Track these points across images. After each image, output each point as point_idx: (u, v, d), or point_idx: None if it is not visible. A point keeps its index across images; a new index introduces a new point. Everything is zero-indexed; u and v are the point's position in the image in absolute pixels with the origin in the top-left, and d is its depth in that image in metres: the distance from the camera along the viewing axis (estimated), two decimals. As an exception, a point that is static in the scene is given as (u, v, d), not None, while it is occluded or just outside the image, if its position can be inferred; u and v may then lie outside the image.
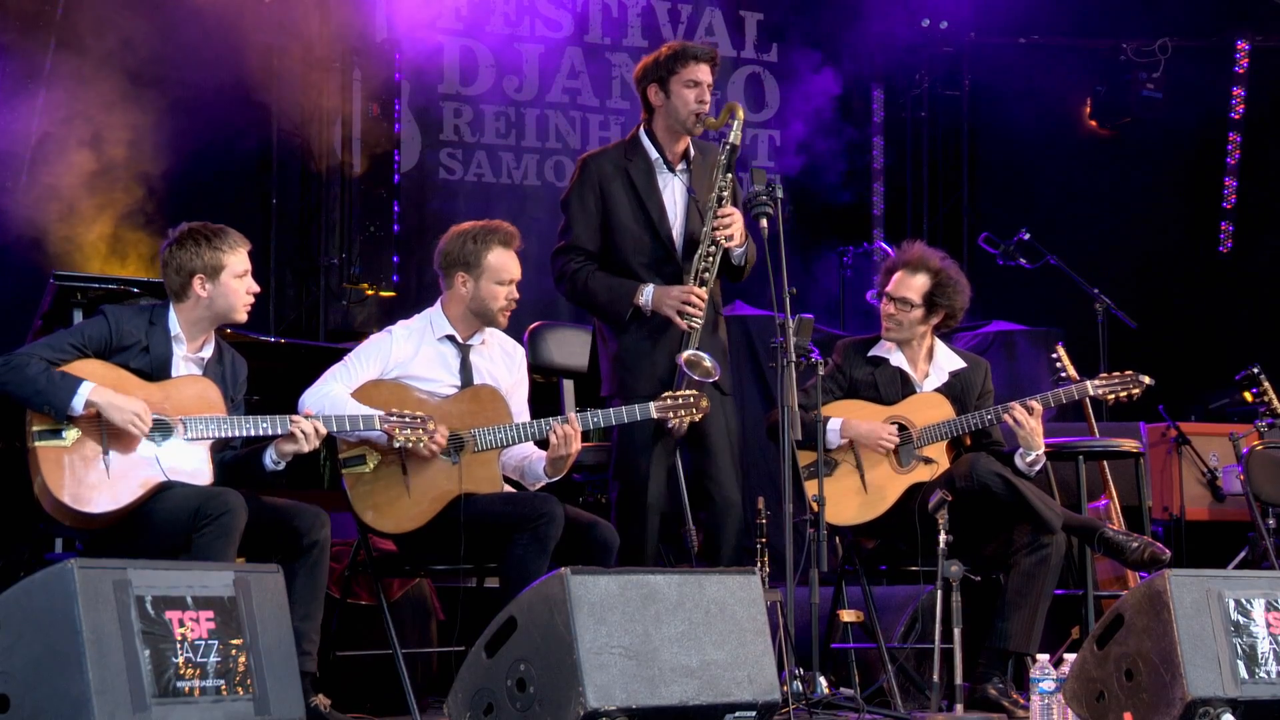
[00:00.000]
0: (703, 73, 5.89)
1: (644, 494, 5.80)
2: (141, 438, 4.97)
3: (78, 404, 4.91)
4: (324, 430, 5.14)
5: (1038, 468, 6.00)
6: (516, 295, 5.58)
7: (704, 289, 5.79)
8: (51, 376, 4.92)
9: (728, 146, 5.85)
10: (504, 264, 5.54)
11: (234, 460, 5.23)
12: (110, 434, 4.96)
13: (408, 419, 5.23)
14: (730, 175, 5.84)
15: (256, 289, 5.25)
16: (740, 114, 5.88)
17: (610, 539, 5.38)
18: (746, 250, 5.93)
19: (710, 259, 5.82)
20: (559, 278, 5.95)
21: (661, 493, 5.85)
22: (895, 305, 6.07)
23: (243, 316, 5.25)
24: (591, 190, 5.92)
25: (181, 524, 4.89)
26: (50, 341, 5.07)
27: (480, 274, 5.53)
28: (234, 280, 5.17)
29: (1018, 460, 5.96)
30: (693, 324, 5.75)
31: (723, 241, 5.81)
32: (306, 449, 5.13)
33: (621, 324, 5.85)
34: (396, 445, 5.24)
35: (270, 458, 5.16)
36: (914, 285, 6.05)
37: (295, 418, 5.11)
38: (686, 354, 5.68)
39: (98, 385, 4.94)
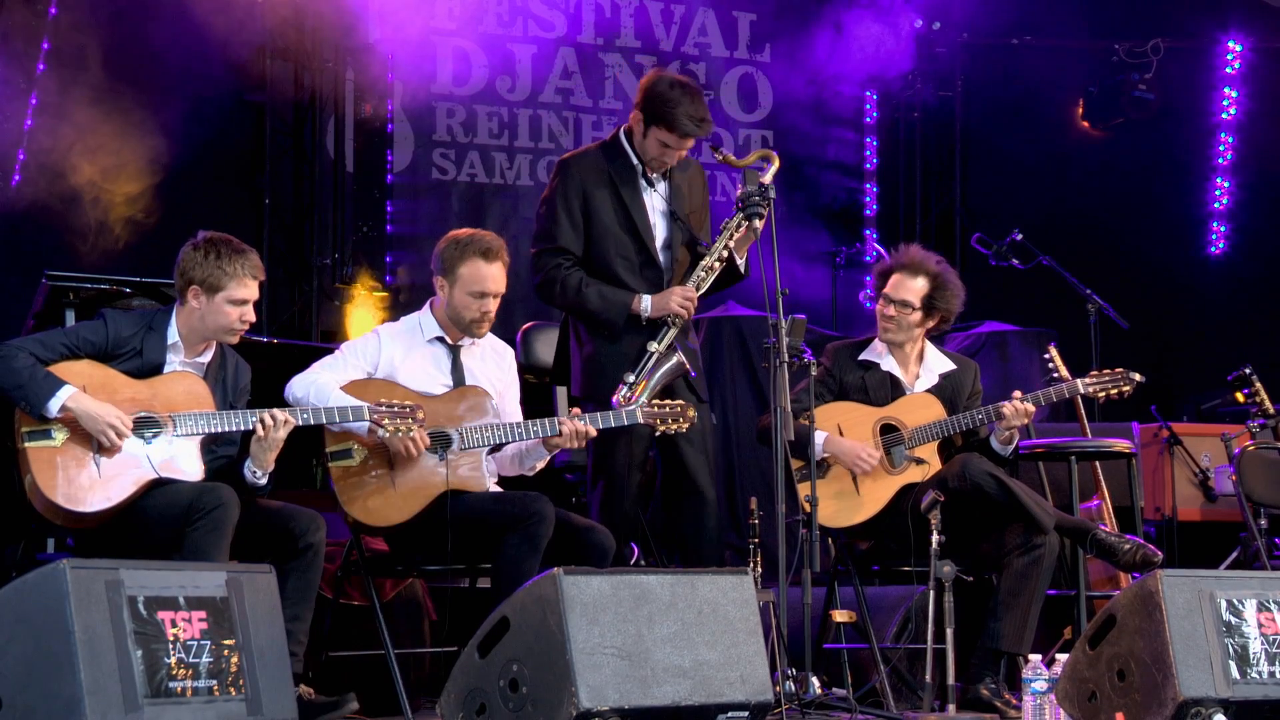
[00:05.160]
0: (684, 144, 5.87)
1: (624, 492, 5.83)
2: (119, 444, 4.93)
3: (53, 406, 4.88)
4: (293, 421, 5.09)
5: (1011, 446, 6.03)
6: (489, 309, 5.53)
7: (697, 294, 5.86)
8: (35, 374, 4.90)
9: (760, 192, 5.68)
10: (476, 275, 5.50)
11: (222, 469, 5.19)
12: (99, 433, 4.96)
13: (396, 408, 5.22)
14: (751, 222, 5.72)
15: (252, 319, 5.19)
16: (776, 162, 5.81)
17: (606, 544, 5.38)
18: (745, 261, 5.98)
19: (710, 272, 5.87)
20: (545, 281, 5.93)
21: (636, 492, 5.89)
22: (895, 307, 6.08)
23: (232, 340, 5.22)
24: (575, 193, 5.91)
25: (174, 520, 4.88)
26: (44, 338, 5.05)
27: (455, 282, 5.52)
28: (227, 304, 5.12)
29: (993, 442, 5.98)
30: (678, 320, 5.80)
31: (717, 266, 5.85)
32: (266, 438, 5.07)
33: (614, 332, 5.86)
34: (384, 435, 5.23)
35: (249, 469, 5.11)
36: (913, 288, 6.07)
37: (262, 413, 5.06)
38: (661, 346, 5.74)
39: (78, 391, 4.90)
